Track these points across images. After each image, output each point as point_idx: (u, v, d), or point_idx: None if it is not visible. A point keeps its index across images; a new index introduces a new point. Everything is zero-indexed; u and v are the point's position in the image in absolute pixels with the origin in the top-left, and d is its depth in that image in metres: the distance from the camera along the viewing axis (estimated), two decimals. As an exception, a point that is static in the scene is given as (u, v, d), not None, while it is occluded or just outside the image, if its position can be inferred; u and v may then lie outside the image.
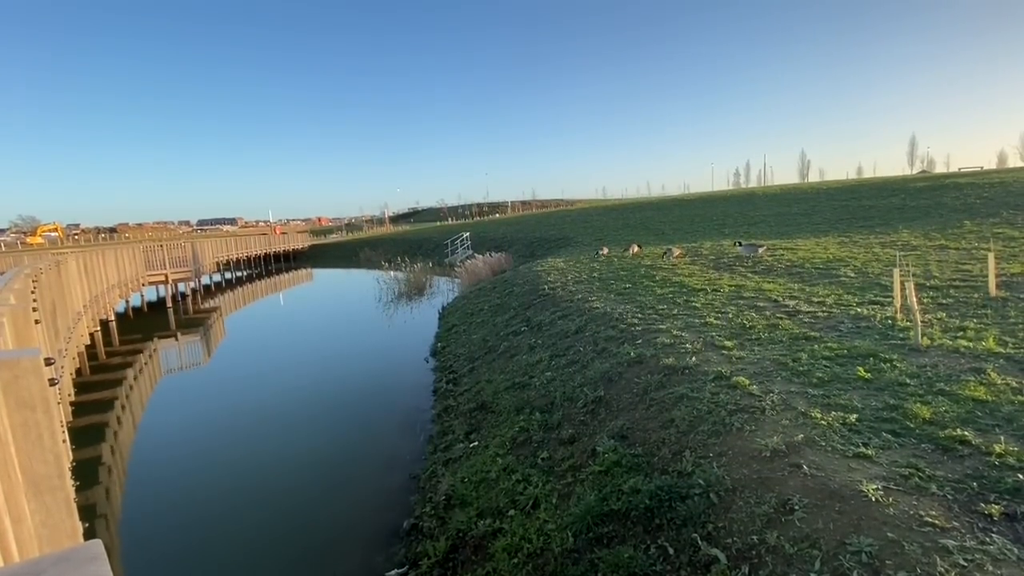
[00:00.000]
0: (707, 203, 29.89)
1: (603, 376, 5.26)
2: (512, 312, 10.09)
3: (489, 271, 18.46)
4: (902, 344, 4.72)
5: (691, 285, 8.62)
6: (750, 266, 10.21)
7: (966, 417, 3.25)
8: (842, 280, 8.04)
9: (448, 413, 6.62)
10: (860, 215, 18.15)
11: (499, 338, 8.71)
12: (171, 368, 12.51)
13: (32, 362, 1.42)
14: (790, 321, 5.85)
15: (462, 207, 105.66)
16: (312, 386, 9.63)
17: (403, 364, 10.31)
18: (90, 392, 9.69)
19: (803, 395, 3.82)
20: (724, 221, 21.72)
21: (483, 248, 26.53)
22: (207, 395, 9.90)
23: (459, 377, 7.87)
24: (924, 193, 20.60)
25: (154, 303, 21.10)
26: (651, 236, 19.99)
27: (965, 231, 12.57)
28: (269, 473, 6.29)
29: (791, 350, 4.85)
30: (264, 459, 6.70)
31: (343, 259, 40.30)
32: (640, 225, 25.02)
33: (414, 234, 46.77)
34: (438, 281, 22.73)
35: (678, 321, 6.37)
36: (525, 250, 24.67)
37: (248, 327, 17.74)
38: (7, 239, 67.65)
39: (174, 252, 21.42)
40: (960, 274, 7.79)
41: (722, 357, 4.86)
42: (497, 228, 36.65)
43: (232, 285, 28.21)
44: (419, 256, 28.87)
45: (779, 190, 31.89)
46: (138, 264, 18.92)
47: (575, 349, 6.45)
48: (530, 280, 12.38)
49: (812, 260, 10.15)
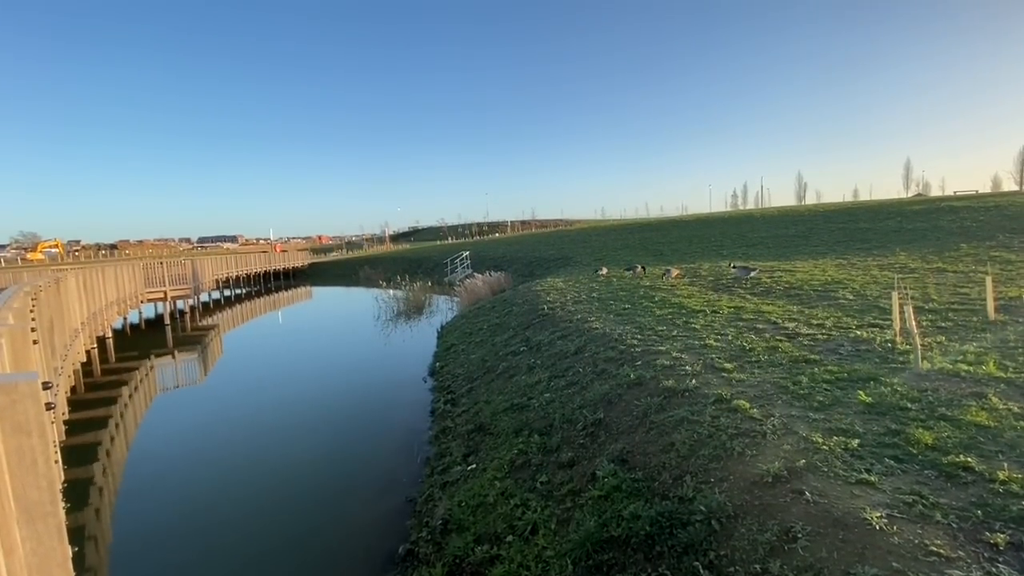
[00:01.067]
0: (705, 224, 30.11)
1: (603, 398, 5.22)
2: (511, 332, 10.06)
3: (488, 290, 18.47)
4: (902, 368, 4.71)
5: (690, 306, 8.63)
6: (749, 287, 10.23)
7: (969, 443, 3.22)
8: (841, 303, 8.06)
9: (446, 434, 6.54)
10: (857, 237, 18.28)
11: (498, 358, 8.67)
12: (167, 386, 12.40)
13: (29, 386, 1.41)
14: (790, 344, 5.84)
15: (462, 226, 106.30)
16: (308, 406, 9.55)
17: (401, 384, 10.23)
18: (84, 410, 9.59)
19: (804, 419, 3.79)
20: (722, 242, 21.84)
21: (483, 267, 26.59)
22: (202, 414, 9.80)
23: (457, 397, 7.81)
24: (920, 216, 20.79)
25: (152, 320, 21.02)
26: (650, 256, 20.08)
27: (962, 254, 12.65)
28: (262, 495, 6.18)
29: (791, 373, 4.83)
30: (257, 481, 6.60)
31: (343, 277, 40.33)
32: (639, 245, 25.15)
33: (414, 253, 46.92)
34: (437, 300, 22.72)
35: (678, 343, 6.35)
36: (524, 269, 24.73)
37: (246, 345, 17.65)
38: (7, 255, 67.78)
39: (174, 269, 21.44)
40: (958, 297, 7.81)
41: (722, 380, 4.84)
42: (497, 247, 36.81)
43: (231, 302, 28.15)
44: (419, 275, 28.91)
45: (776, 212, 32.17)
46: (137, 281, 18.91)
47: (574, 370, 6.42)
48: (529, 300, 12.39)
49: (810, 282, 10.18)
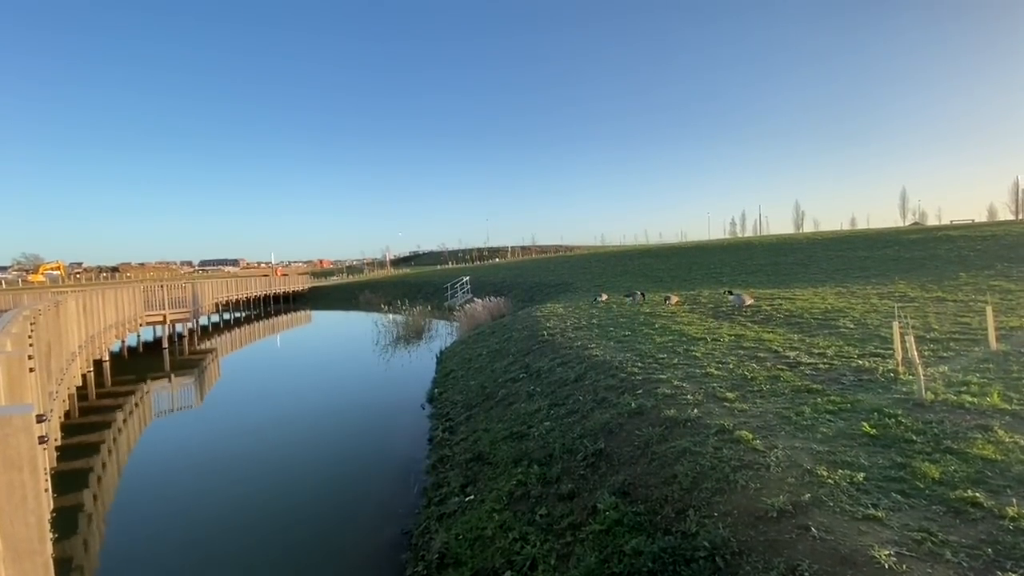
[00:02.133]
0: (704, 252, 30.27)
1: (603, 427, 5.15)
2: (511, 358, 10.00)
3: (488, 315, 18.44)
4: (906, 399, 4.67)
5: (691, 334, 8.60)
6: (749, 315, 10.22)
7: (976, 477, 3.16)
8: (842, 331, 8.03)
9: (443, 463, 6.43)
10: (856, 265, 18.36)
11: (497, 385, 8.59)
12: (162, 410, 12.24)
13: (23, 420, 1.38)
14: (791, 373, 5.80)
15: (463, 251, 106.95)
16: (304, 433, 9.41)
17: (399, 410, 10.11)
18: (77, 435, 9.44)
19: (808, 451, 3.73)
20: (722, 270, 21.93)
21: (483, 292, 26.61)
22: (196, 440, 9.64)
23: (456, 425, 7.70)
24: (918, 245, 20.93)
25: (150, 343, 20.91)
26: (649, 283, 20.12)
27: (961, 283, 12.68)
28: (255, 527, 6.03)
29: (794, 403, 4.78)
30: (250, 511, 6.45)
31: (343, 301, 40.32)
32: (638, 272, 25.23)
33: (414, 277, 47.03)
34: (437, 325, 22.66)
35: (678, 371, 6.31)
36: (524, 295, 24.75)
37: (243, 369, 17.51)
38: (9, 276, 67.97)
39: (174, 292, 21.45)
40: (959, 327, 7.80)
41: (724, 410, 4.79)
42: (497, 272, 36.92)
43: (230, 326, 28.06)
44: (419, 299, 28.90)
45: (775, 240, 32.39)
46: (137, 304, 18.90)
47: (575, 398, 6.35)
48: (529, 326, 12.35)
49: (811, 310, 10.17)
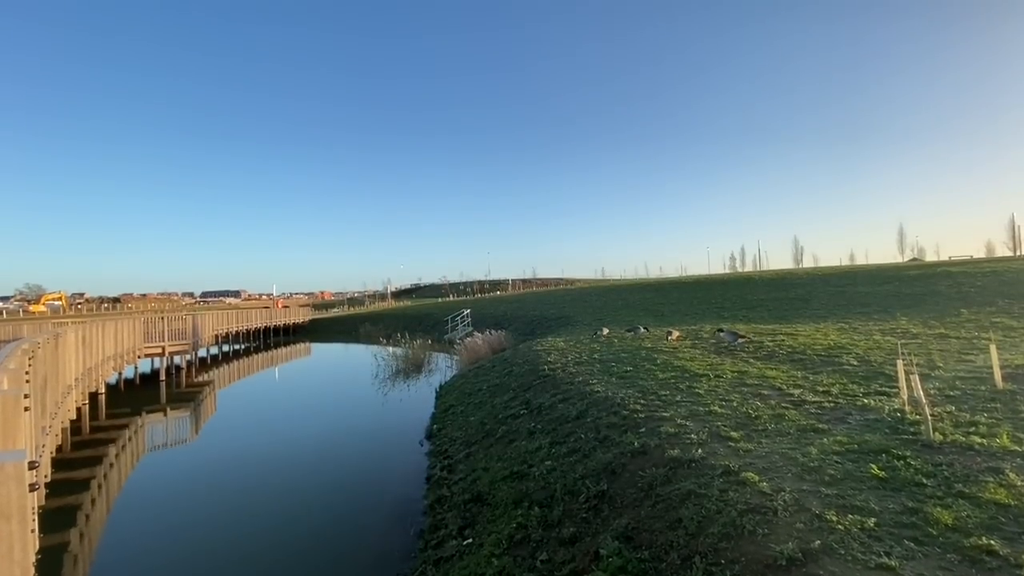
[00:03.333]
0: (705, 286, 30.35)
1: (606, 467, 5.04)
2: (511, 393, 9.88)
3: (489, 349, 18.33)
4: (914, 439, 4.58)
5: (693, 370, 8.52)
6: (751, 351, 10.15)
7: (990, 524, 3.07)
8: (845, 368, 7.96)
9: (441, 504, 6.26)
10: (857, 301, 18.35)
11: (497, 421, 8.46)
12: (156, 445, 12.04)
13: (15, 468, 1.36)
14: (796, 411, 5.71)
15: (464, 284, 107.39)
16: (299, 470, 9.21)
17: (396, 447, 9.92)
18: (68, 470, 9.25)
19: (816, 494, 3.64)
20: (723, 304, 21.92)
21: (483, 325, 26.56)
22: (188, 476, 9.43)
23: (454, 463, 7.54)
24: (918, 281, 20.98)
25: (147, 375, 20.74)
26: (651, 317, 20.08)
27: (963, 320, 12.64)
28: (244, 566, 5.82)
29: (800, 443, 4.69)
30: (240, 550, 6.24)
31: (343, 333, 40.19)
32: (639, 306, 25.22)
33: (415, 310, 47.02)
34: (437, 358, 22.51)
35: (681, 408, 6.22)
36: (525, 328, 24.67)
37: (240, 403, 17.29)
38: (11, 307, 68.08)
39: (174, 324, 21.45)
40: (964, 365, 7.73)
41: (729, 450, 4.69)
42: (498, 305, 36.93)
43: (229, 358, 27.89)
44: (419, 332, 28.80)
45: (775, 275, 32.53)
46: (137, 336, 18.86)
47: (576, 436, 6.24)
48: (530, 360, 12.26)
49: (813, 346, 10.11)
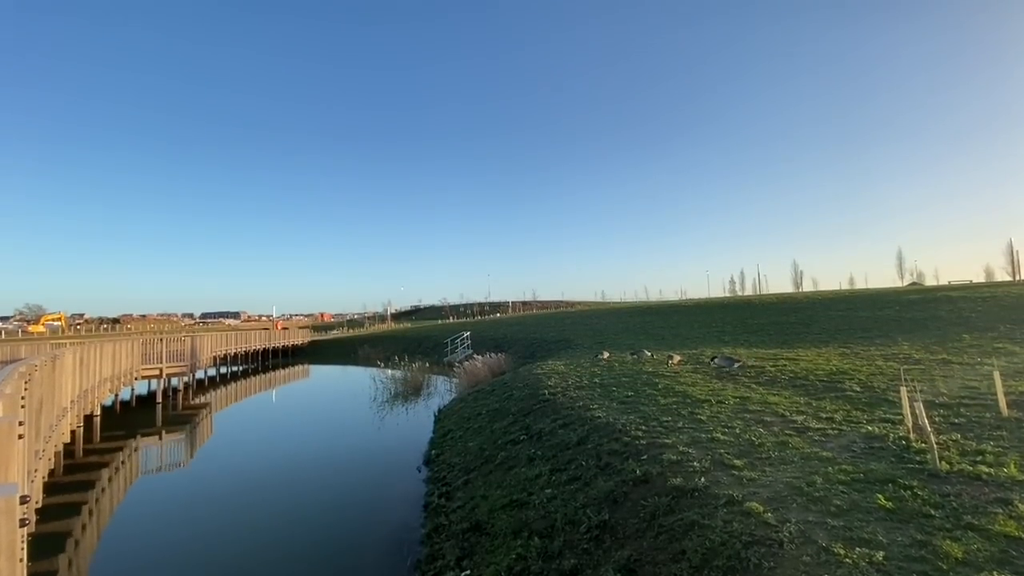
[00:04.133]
0: (705, 310, 30.31)
1: (607, 496, 4.95)
2: (511, 418, 9.77)
3: (488, 372, 18.19)
4: (920, 468, 4.51)
5: (695, 395, 8.44)
6: (753, 376, 10.08)
7: (1001, 557, 3.00)
8: (848, 394, 7.89)
9: (439, 533, 6.12)
10: (858, 326, 18.30)
11: (496, 447, 8.33)
12: (150, 469, 11.83)
13: (6, 503, 1.33)
14: (800, 439, 5.64)
15: (464, 306, 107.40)
16: (293, 495, 9.03)
17: (393, 473, 9.75)
18: (59, 494, 9.07)
19: (822, 526, 3.56)
20: (723, 328, 21.85)
21: (483, 348, 26.42)
22: (180, 500, 9.24)
23: (452, 491, 7.40)
24: (918, 305, 20.96)
25: (144, 397, 20.54)
26: (651, 341, 19.99)
27: (965, 345, 12.58)
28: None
29: (804, 472, 4.61)
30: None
31: (342, 355, 39.97)
32: (640, 329, 25.14)
33: (415, 332, 46.87)
34: (436, 381, 22.33)
35: (683, 435, 6.14)
36: (525, 351, 24.53)
37: (236, 425, 17.07)
38: (10, 327, 67.93)
39: (172, 346, 21.33)
40: (968, 391, 7.66)
41: (732, 478, 4.61)
42: (498, 328, 36.81)
43: (227, 380, 27.68)
44: (419, 354, 28.63)
45: (775, 298, 32.51)
46: (134, 357, 18.74)
47: (577, 463, 6.14)
48: (530, 384, 12.16)
49: (815, 372, 10.05)
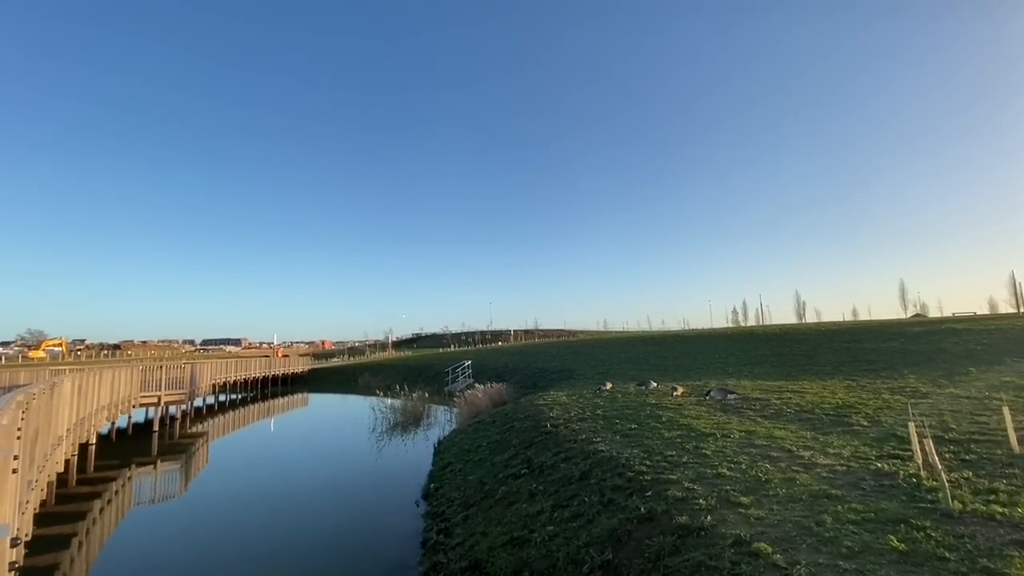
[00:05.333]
0: (709, 340, 30.13)
1: (611, 535, 4.81)
2: (512, 451, 9.59)
3: (489, 402, 17.97)
4: (932, 508, 4.39)
5: (699, 429, 8.31)
6: (758, 409, 9.94)
7: (1021, 606, 2.89)
8: (855, 429, 7.76)
9: (437, 572, 5.92)
10: (863, 358, 18.13)
11: (497, 481, 8.16)
12: (143, 500, 11.57)
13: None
14: (807, 475, 5.52)
15: (465, 334, 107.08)
16: (288, 529, 8.79)
17: (391, 507, 9.51)
18: (50, 525, 8.86)
19: (834, 568, 3.44)
20: (727, 360, 21.67)
21: (484, 377, 26.18)
22: (172, 534, 9.00)
23: (451, 527, 7.20)
24: (923, 338, 20.80)
25: (141, 425, 20.29)
26: (654, 371, 19.80)
27: (972, 378, 12.44)
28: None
29: (813, 510, 4.49)
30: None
31: (342, 384, 39.63)
32: (642, 360, 24.93)
33: (415, 360, 46.56)
34: (436, 411, 22.04)
35: (689, 471, 6.01)
36: (527, 381, 24.28)
37: (232, 455, 16.79)
38: (10, 352, 67.79)
39: (171, 373, 21.20)
40: (977, 426, 7.53)
41: (739, 516, 4.49)
42: (499, 357, 36.55)
43: (225, 408, 27.39)
44: (419, 383, 28.36)
45: (778, 329, 32.33)
46: (133, 384, 18.61)
47: (580, 499, 6.00)
48: (532, 415, 12.00)
49: (821, 405, 9.91)
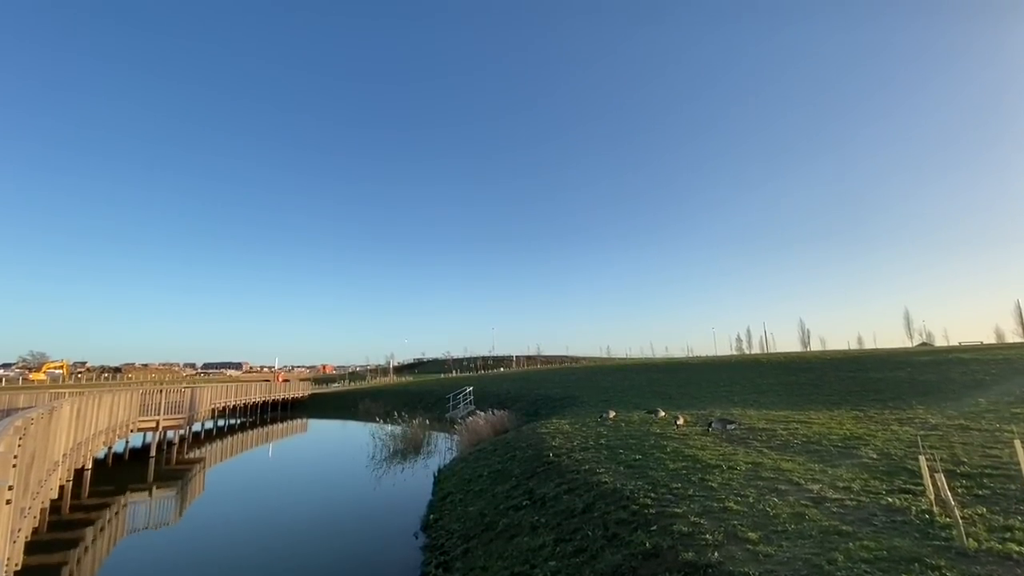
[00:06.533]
0: (713, 368, 29.85)
1: (615, 571, 4.67)
2: (514, 481, 9.41)
3: (491, 430, 17.72)
4: (947, 546, 4.26)
5: (705, 460, 8.15)
6: (764, 440, 9.77)
7: (1044, 653, 2.77)
8: (864, 462, 7.60)
9: (436, 607, 5.74)
10: (870, 387, 17.89)
11: (498, 512, 7.97)
12: (136, 527, 11.33)
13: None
14: (817, 510, 5.38)
15: (467, 360, 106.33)
16: (282, 561, 8.54)
17: (389, 538, 9.28)
18: (40, 554, 8.67)
19: (846, 611, 3.32)
20: (732, 388, 21.42)
21: (486, 403, 25.89)
22: (165, 564, 8.78)
23: (451, 560, 7.01)
24: (930, 367, 20.57)
25: (138, 450, 20.06)
26: (658, 400, 19.56)
27: (982, 410, 12.24)
28: None
29: (823, 548, 4.37)
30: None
31: (343, 409, 39.23)
32: (646, 387, 24.66)
33: (417, 386, 46.17)
34: (437, 438, 21.73)
35: (694, 504, 5.87)
36: (529, 408, 23.99)
37: (228, 482, 16.50)
38: (11, 374, 67.69)
39: (171, 397, 21.05)
40: (990, 460, 7.37)
41: (747, 553, 4.37)
42: (501, 383, 36.22)
43: (223, 433, 27.08)
44: (420, 409, 28.05)
45: (783, 358, 32.03)
46: (132, 409, 18.48)
47: (583, 532, 5.85)
48: (534, 444, 11.81)
49: (829, 436, 9.74)
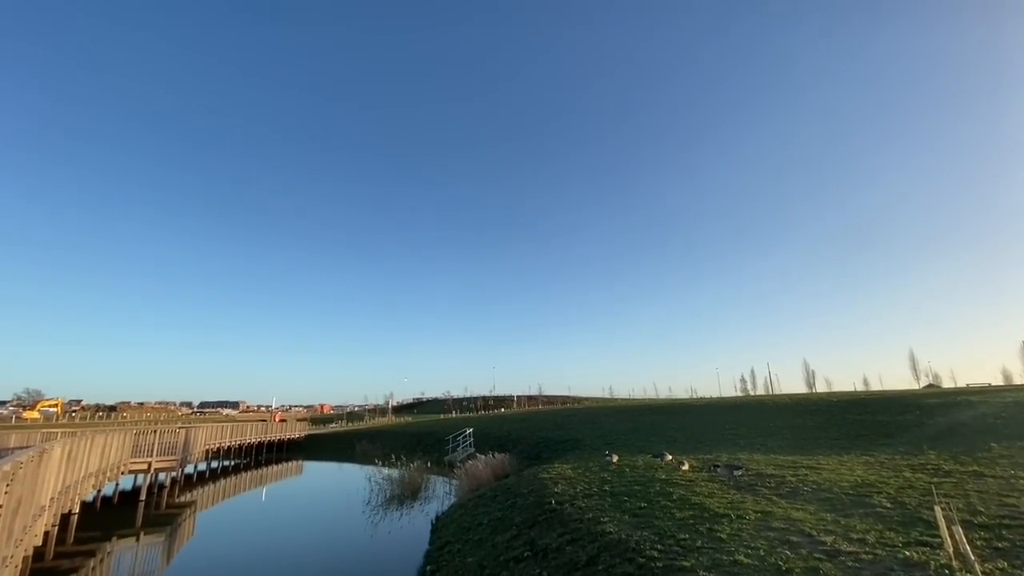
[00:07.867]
0: (718, 410, 29.32)
1: (620, 631, 4.43)
2: (514, 530, 9.07)
3: (491, 474, 17.22)
4: (970, 606, 4.05)
5: (713, 508, 7.88)
6: (773, 487, 9.47)
7: None
8: (878, 511, 7.34)
9: (432, 670, 5.41)
10: (878, 431, 17.50)
11: (498, 564, 7.64)
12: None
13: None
14: (831, 564, 5.15)
15: (467, 399, 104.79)
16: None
17: (385, 591, 8.88)
18: (17, 609, 8.27)
19: None
20: (737, 431, 20.95)
21: (486, 446, 25.31)
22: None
23: (449, 615, 6.67)
24: (939, 410, 20.16)
25: (128, 493, 19.47)
26: (662, 442, 19.10)
27: (996, 455, 11.91)
28: None
29: (840, 607, 4.15)
30: None
31: (340, 451, 38.35)
32: (650, 429, 24.13)
33: (415, 427, 45.28)
34: (435, 482, 21.13)
35: (703, 556, 5.63)
36: (531, 451, 23.41)
37: (219, 528, 15.92)
38: (4, 412, 66.68)
39: (164, 438, 20.65)
40: (1007, 509, 7.12)
41: (760, 613, 4.15)
42: (502, 424, 35.50)
43: (217, 475, 26.38)
44: (419, 451, 27.39)
45: (789, 399, 31.49)
46: (124, 450, 18.08)
47: (586, 587, 5.58)
48: (535, 490, 11.45)
49: (839, 483, 9.45)
